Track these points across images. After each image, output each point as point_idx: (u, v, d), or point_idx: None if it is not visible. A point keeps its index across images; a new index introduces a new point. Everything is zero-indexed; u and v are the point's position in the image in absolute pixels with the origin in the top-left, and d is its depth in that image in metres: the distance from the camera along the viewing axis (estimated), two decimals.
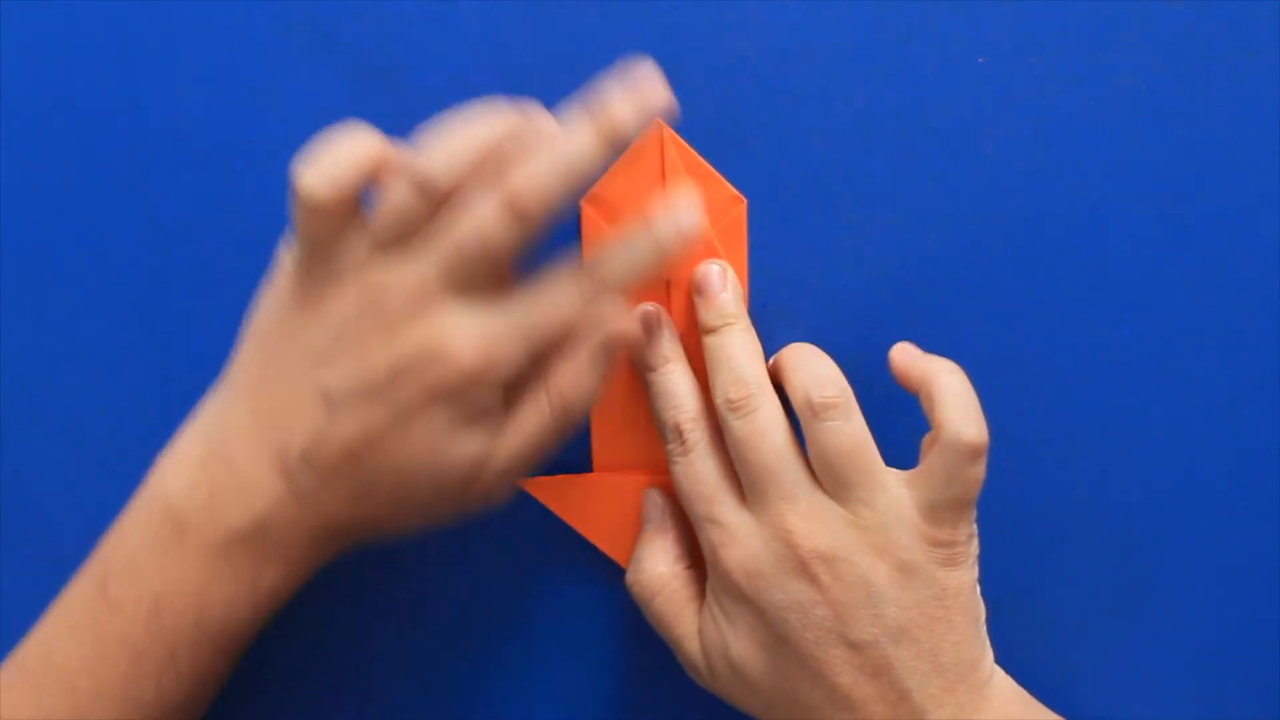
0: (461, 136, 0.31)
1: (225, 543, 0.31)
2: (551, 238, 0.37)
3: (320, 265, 0.31)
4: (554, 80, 0.37)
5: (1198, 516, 0.38)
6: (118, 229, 0.38)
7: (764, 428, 0.33)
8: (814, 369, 0.33)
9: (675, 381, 0.35)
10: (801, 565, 0.32)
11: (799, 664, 0.32)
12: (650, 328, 0.35)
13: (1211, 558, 0.38)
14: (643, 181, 0.36)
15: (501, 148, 0.31)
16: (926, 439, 0.34)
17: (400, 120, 0.37)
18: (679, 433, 0.34)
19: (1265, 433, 0.38)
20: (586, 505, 0.38)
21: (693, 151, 0.37)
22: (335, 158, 0.30)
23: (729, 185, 0.37)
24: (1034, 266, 0.37)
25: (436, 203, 0.31)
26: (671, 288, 0.36)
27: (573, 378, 0.32)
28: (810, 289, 0.37)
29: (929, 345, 0.37)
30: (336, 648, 0.40)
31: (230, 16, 0.37)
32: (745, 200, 0.37)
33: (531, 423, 0.33)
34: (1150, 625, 0.38)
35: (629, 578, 0.36)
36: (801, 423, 0.33)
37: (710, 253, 0.36)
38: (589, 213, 0.37)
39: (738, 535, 0.33)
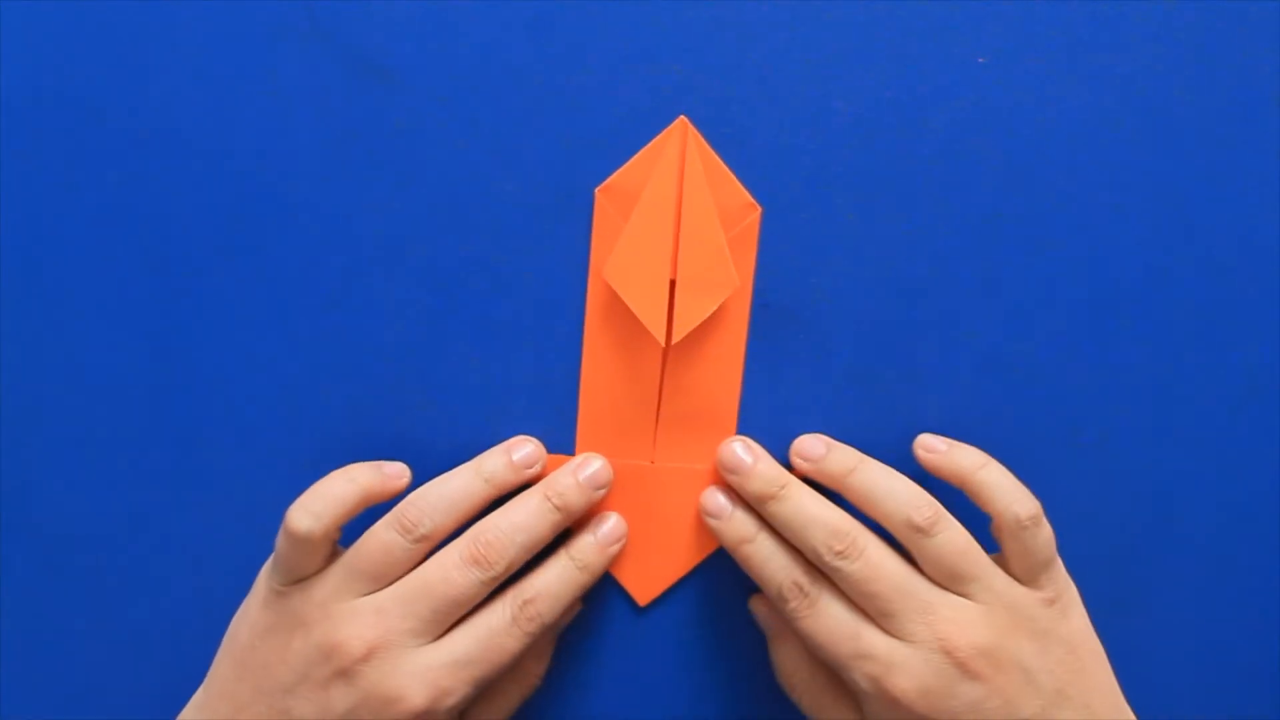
0: (454, 489, 0.35)
1: None
2: (567, 223, 0.37)
3: (296, 595, 0.34)
4: (554, 80, 0.37)
5: (1198, 516, 0.38)
6: (117, 229, 0.38)
7: (877, 560, 0.34)
8: (898, 494, 0.35)
9: (770, 550, 0.36)
10: (964, 667, 0.33)
11: None
12: (721, 513, 0.37)
13: (1211, 558, 0.38)
14: (660, 176, 0.36)
15: (487, 499, 0.36)
16: (993, 527, 0.36)
17: (400, 120, 0.37)
18: (798, 589, 0.35)
19: (1265, 433, 0.38)
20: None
21: (713, 154, 0.37)
22: (324, 497, 0.34)
23: (745, 192, 0.37)
24: (1034, 266, 0.37)
25: (420, 553, 0.34)
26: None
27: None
28: (810, 288, 0.37)
29: (929, 345, 0.37)
30: None
31: (230, 16, 0.37)
32: (760, 208, 0.37)
33: (485, 714, 0.37)
34: (1150, 625, 0.38)
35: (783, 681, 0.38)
36: (907, 544, 0.35)
37: (718, 254, 0.36)
38: (603, 202, 0.37)
39: (895, 661, 0.33)
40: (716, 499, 0.37)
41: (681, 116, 0.36)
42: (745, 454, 0.36)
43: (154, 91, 0.38)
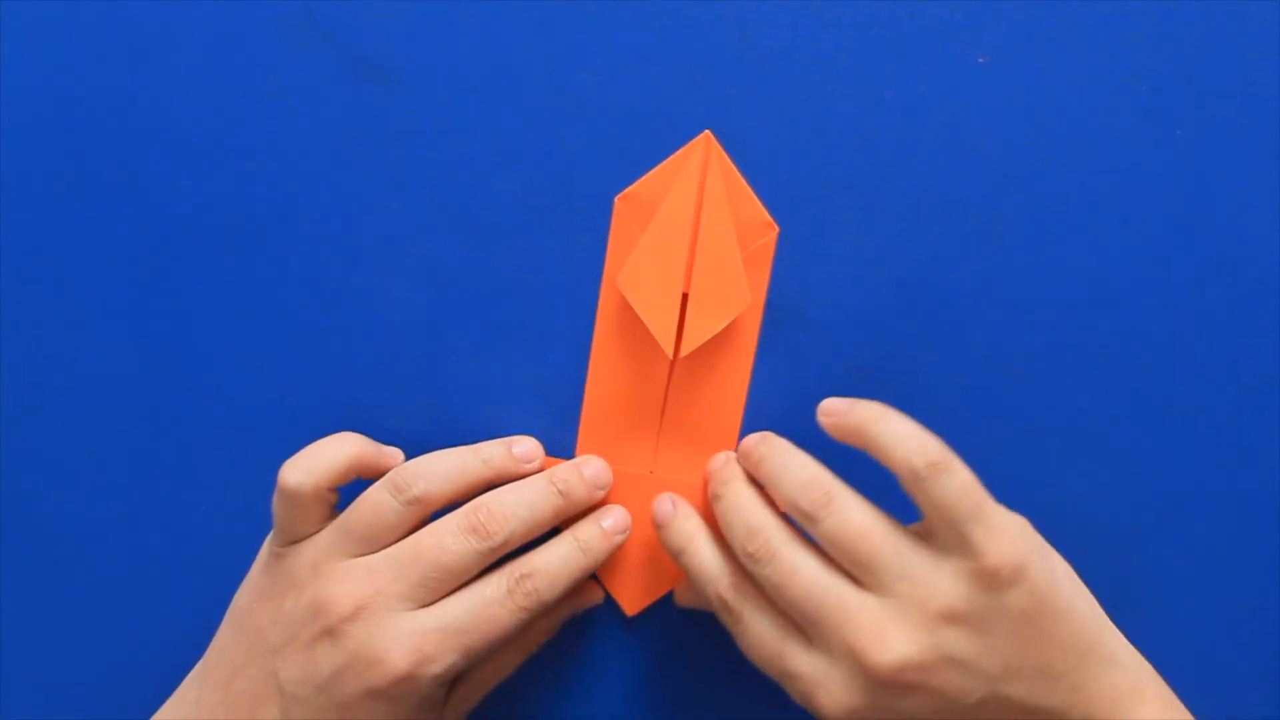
0: (450, 462, 0.35)
1: None
2: (568, 225, 0.37)
3: (291, 556, 0.34)
4: (554, 81, 0.37)
5: (1198, 516, 0.38)
6: (117, 228, 0.38)
7: (789, 566, 0.32)
8: (788, 480, 0.34)
9: (699, 561, 0.35)
10: (889, 684, 0.31)
11: None
12: (663, 522, 0.36)
13: (1211, 558, 0.38)
14: (680, 189, 0.36)
15: (483, 479, 0.35)
16: (902, 487, 0.33)
17: (400, 120, 0.37)
18: (723, 605, 0.34)
19: (1265, 433, 0.38)
20: None
21: (735, 170, 0.37)
22: (318, 456, 0.34)
23: (764, 210, 0.37)
24: (1034, 266, 0.37)
25: (412, 517, 0.34)
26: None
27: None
28: (810, 288, 0.37)
29: (929, 345, 0.37)
30: None
31: (230, 16, 0.37)
32: (777, 228, 0.37)
33: (484, 679, 0.37)
34: (1150, 625, 0.38)
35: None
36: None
37: (732, 270, 0.36)
38: (621, 210, 0.37)
39: (820, 681, 0.32)
40: (662, 505, 0.36)
41: (706, 132, 0.36)
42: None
43: (154, 91, 0.38)
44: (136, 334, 0.39)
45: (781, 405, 0.38)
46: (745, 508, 0.34)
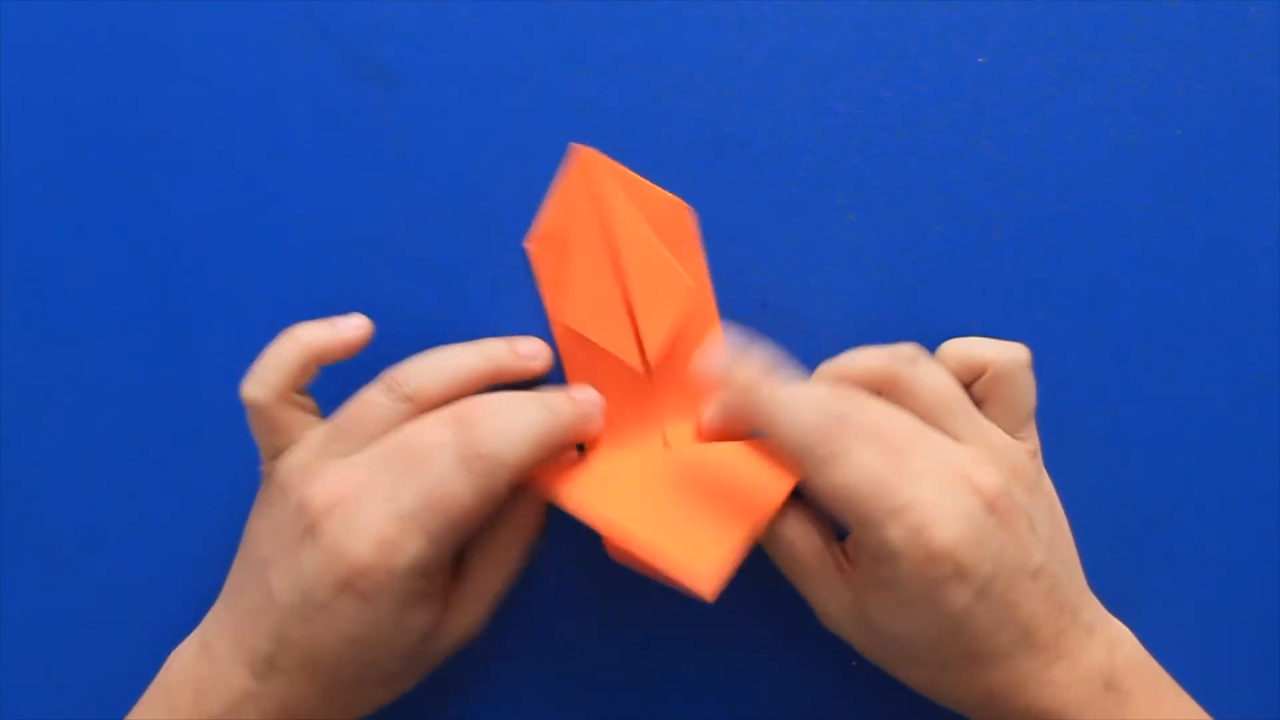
0: (447, 357, 0.34)
1: (232, 707, 0.33)
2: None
3: (280, 467, 0.33)
4: (554, 80, 0.37)
5: (1198, 516, 0.38)
6: (117, 228, 0.38)
7: (931, 367, 0.34)
8: (864, 352, 0.34)
9: (792, 385, 0.32)
10: (993, 506, 0.30)
11: (988, 613, 0.30)
12: (725, 363, 0.33)
13: (1211, 558, 0.38)
14: (581, 210, 0.36)
15: (482, 376, 0.34)
16: (977, 387, 0.34)
17: (400, 120, 0.37)
18: (822, 434, 0.31)
19: (1265, 433, 0.38)
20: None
21: (625, 170, 0.36)
22: (268, 363, 0.33)
23: (667, 194, 0.36)
24: (1034, 266, 0.37)
25: (404, 415, 0.32)
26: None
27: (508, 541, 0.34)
28: (810, 289, 0.37)
29: (929, 345, 0.37)
30: None
31: (230, 16, 0.37)
32: (688, 206, 0.36)
33: (485, 577, 0.34)
34: (1150, 625, 0.38)
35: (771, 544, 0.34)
36: (889, 387, 0.33)
37: (663, 266, 0.35)
38: (537, 252, 0.37)
39: (934, 509, 0.29)
40: (714, 351, 0.33)
41: (575, 145, 0.36)
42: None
43: (154, 91, 0.38)
44: (136, 334, 0.39)
45: None
46: (845, 355, 0.34)
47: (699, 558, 0.31)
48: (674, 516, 0.32)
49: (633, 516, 0.32)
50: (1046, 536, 0.32)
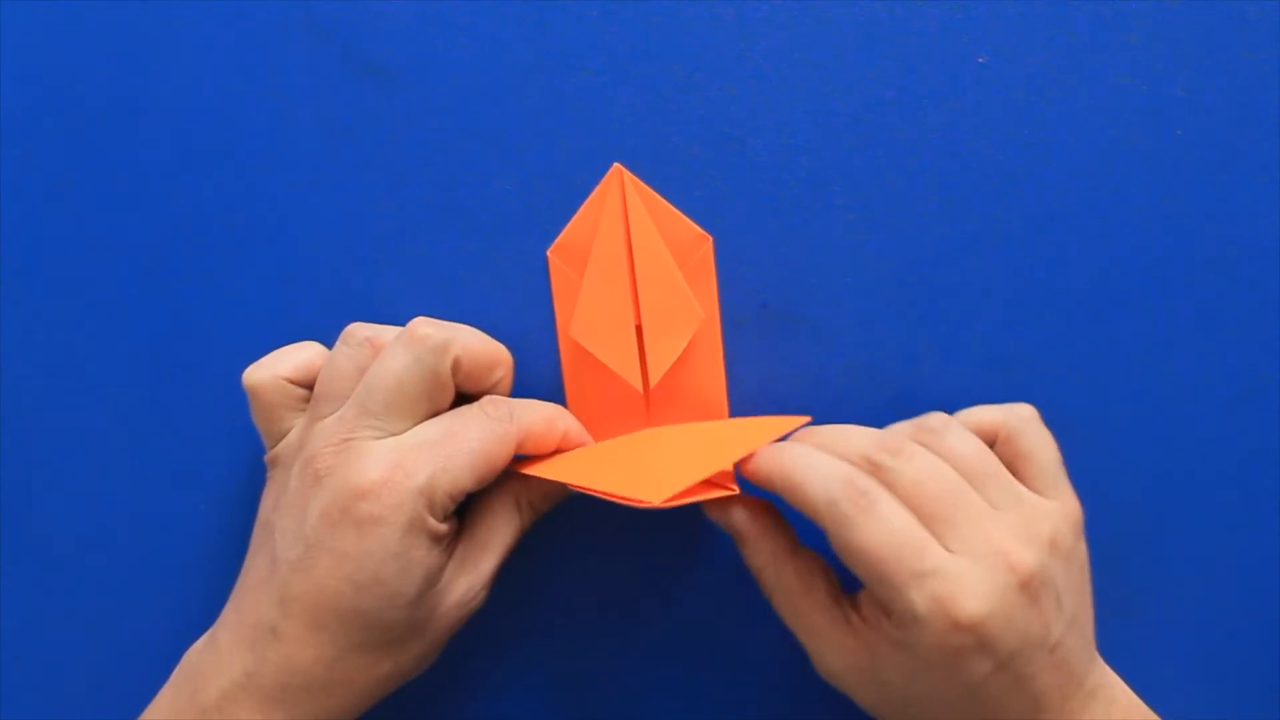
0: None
1: (228, 692, 0.33)
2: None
3: (282, 451, 0.34)
4: (554, 80, 0.37)
5: (1198, 516, 0.38)
6: (117, 228, 0.38)
7: (931, 459, 0.32)
8: (853, 432, 0.33)
9: (812, 453, 0.32)
10: (1025, 587, 0.30)
11: (1003, 684, 0.31)
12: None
13: (1211, 558, 0.38)
14: (606, 227, 0.36)
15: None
16: (995, 454, 0.34)
17: (400, 120, 0.37)
18: (851, 487, 0.31)
19: (1265, 433, 0.38)
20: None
21: (654, 194, 0.37)
22: (273, 354, 0.35)
23: (693, 225, 0.37)
24: (1034, 266, 0.37)
25: (368, 357, 0.34)
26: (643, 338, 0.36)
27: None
28: (810, 289, 0.37)
29: (929, 345, 0.37)
30: None
31: (230, 16, 0.37)
32: (710, 238, 0.37)
33: (486, 536, 0.35)
34: (1150, 625, 0.38)
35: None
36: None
37: (678, 292, 0.36)
38: (556, 263, 0.37)
39: (963, 576, 0.30)
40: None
41: (616, 164, 0.36)
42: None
43: (154, 90, 0.38)
44: (136, 334, 0.39)
45: (780, 407, 0.38)
46: (847, 429, 0.33)
47: (653, 483, 0.32)
48: (638, 464, 0.34)
49: (598, 471, 0.34)
50: (1070, 610, 0.32)
